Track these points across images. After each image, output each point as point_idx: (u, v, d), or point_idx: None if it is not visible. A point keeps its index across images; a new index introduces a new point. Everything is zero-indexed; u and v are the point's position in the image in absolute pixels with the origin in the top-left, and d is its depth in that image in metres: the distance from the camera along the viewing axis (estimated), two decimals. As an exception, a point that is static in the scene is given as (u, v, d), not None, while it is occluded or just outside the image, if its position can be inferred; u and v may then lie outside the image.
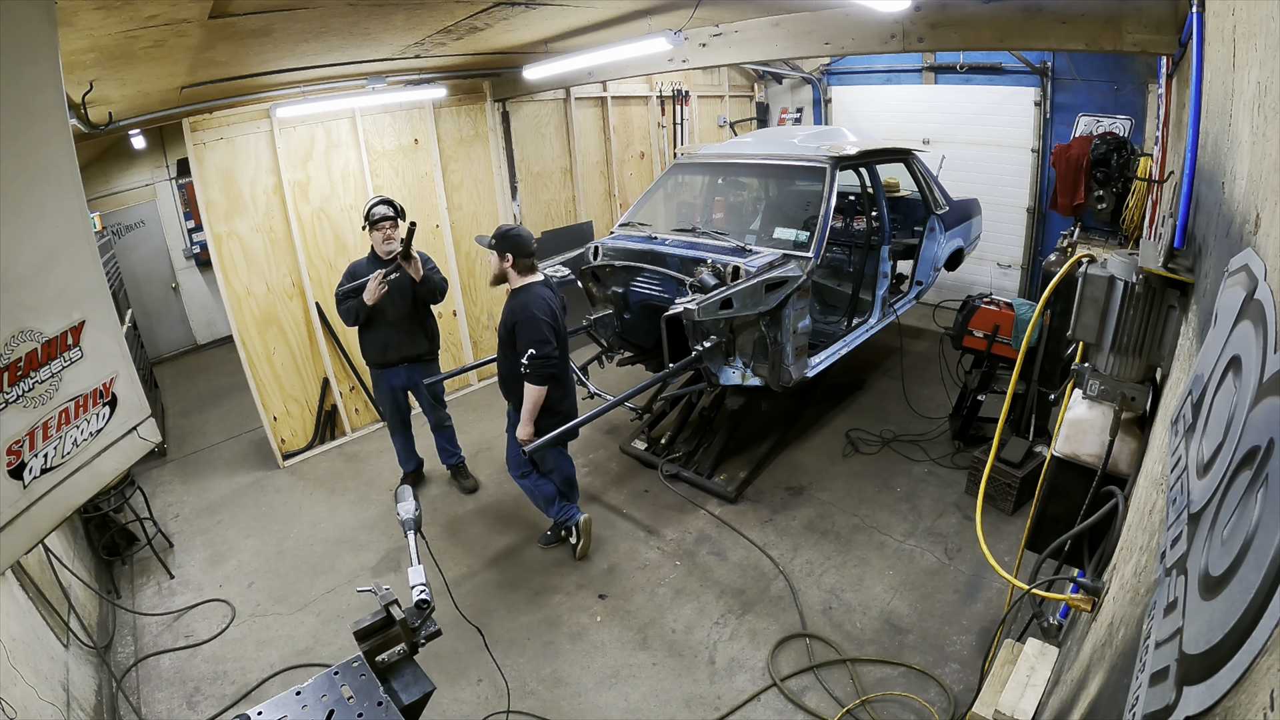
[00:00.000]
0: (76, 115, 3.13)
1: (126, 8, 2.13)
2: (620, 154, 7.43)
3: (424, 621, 1.66)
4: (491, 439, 5.30)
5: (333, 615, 3.61)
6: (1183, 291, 1.84)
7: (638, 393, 4.03)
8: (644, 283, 4.52)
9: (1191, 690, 0.77)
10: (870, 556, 3.84)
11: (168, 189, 7.75)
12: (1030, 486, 3.94)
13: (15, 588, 2.64)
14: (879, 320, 5.06)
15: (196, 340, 8.24)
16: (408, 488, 1.96)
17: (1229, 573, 0.77)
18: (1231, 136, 1.44)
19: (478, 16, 3.41)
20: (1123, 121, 6.04)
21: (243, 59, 3.63)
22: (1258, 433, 0.82)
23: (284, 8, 2.65)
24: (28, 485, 1.09)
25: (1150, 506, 1.57)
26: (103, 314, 1.23)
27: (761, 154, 4.99)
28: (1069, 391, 2.26)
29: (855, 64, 7.89)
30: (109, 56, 2.68)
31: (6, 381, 1.04)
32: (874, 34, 3.81)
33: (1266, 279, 0.97)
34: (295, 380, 5.22)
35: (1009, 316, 4.46)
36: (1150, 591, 1.18)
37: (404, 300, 4.15)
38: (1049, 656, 2.19)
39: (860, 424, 5.21)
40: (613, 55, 4.46)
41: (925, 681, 3.01)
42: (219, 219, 4.69)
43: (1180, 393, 1.45)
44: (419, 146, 5.64)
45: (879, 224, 4.89)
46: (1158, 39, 2.95)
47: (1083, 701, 1.56)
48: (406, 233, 3.86)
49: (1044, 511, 2.30)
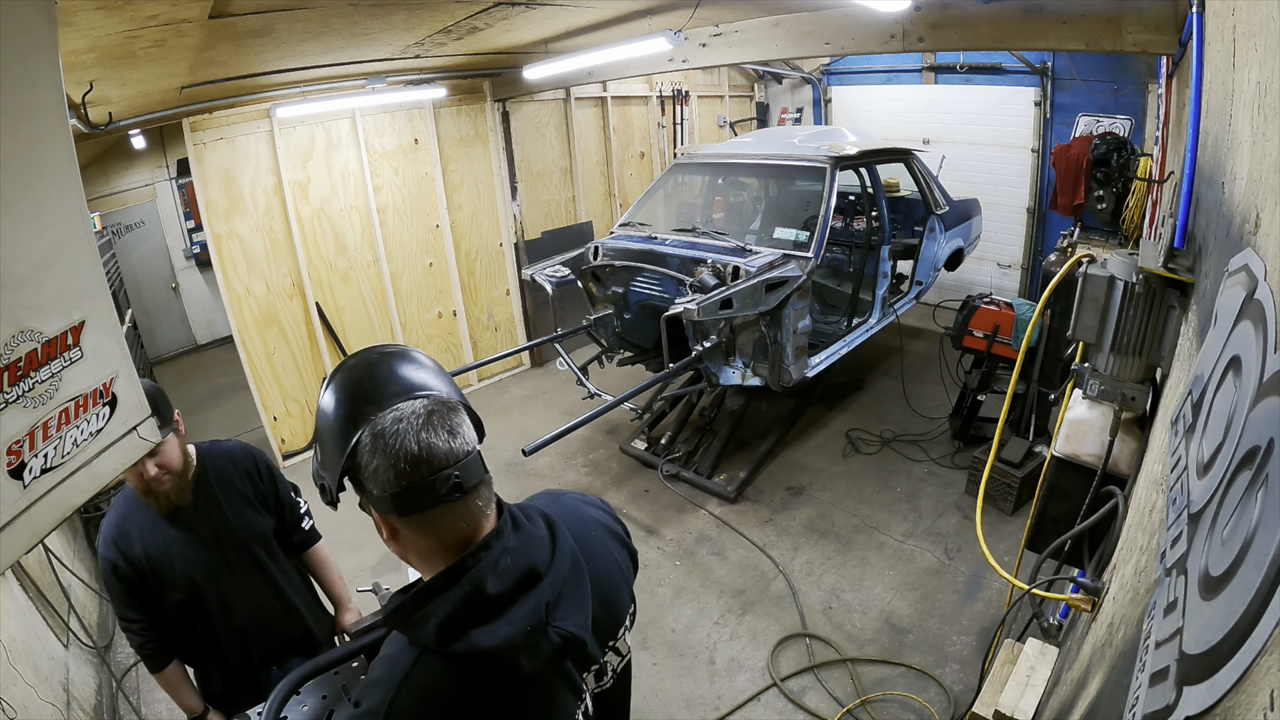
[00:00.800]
0: (76, 115, 3.13)
1: (126, 8, 2.13)
2: (620, 154, 7.42)
3: (424, 622, 1.65)
4: (493, 438, 5.28)
5: (333, 615, 3.61)
6: (1183, 291, 1.84)
7: (638, 393, 4.03)
8: (644, 283, 4.52)
9: (1191, 690, 0.77)
10: (870, 556, 3.84)
11: (168, 189, 7.76)
12: (1030, 486, 3.93)
13: (15, 588, 2.64)
14: (879, 320, 5.06)
15: (196, 340, 8.25)
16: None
17: (1229, 573, 0.77)
18: (1231, 136, 1.44)
19: (478, 16, 3.41)
20: (1123, 121, 6.04)
21: (243, 59, 3.63)
22: (1258, 433, 0.82)
23: (284, 8, 2.65)
24: (28, 485, 1.09)
25: (1150, 506, 1.57)
26: (103, 314, 1.23)
27: (761, 154, 4.99)
28: (1069, 391, 2.26)
29: (855, 64, 7.89)
30: (109, 56, 2.68)
31: (6, 381, 1.04)
32: (874, 34, 3.81)
33: (1266, 279, 0.97)
34: (295, 380, 5.22)
35: (1009, 316, 4.46)
36: (1150, 591, 1.18)
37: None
38: (1049, 656, 2.18)
39: (860, 424, 5.21)
40: (613, 55, 4.45)
41: (925, 681, 3.01)
42: (219, 219, 4.68)
43: (1180, 393, 1.45)
44: (419, 146, 5.64)
45: (879, 224, 4.89)
46: (1158, 39, 2.95)
47: (1083, 701, 1.56)
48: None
49: (1044, 511, 2.30)
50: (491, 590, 0.91)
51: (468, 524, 0.95)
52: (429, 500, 0.90)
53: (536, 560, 0.97)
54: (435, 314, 6.02)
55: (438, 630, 0.90)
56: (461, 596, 0.90)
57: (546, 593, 0.95)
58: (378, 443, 0.90)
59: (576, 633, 0.97)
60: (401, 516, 0.92)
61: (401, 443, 0.89)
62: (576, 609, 0.99)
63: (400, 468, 0.89)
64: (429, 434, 0.90)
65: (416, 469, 0.89)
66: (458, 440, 0.93)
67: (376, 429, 0.91)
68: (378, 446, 0.90)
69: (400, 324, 5.74)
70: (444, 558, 0.94)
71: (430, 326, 6.01)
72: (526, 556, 0.96)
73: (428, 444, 0.90)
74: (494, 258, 6.34)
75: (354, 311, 5.47)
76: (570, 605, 0.98)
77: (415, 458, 0.89)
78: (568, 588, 0.99)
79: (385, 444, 0.90)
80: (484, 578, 0.91)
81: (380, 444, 0.90)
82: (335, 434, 0.96)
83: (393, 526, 0.95)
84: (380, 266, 5.53)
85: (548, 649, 0.94)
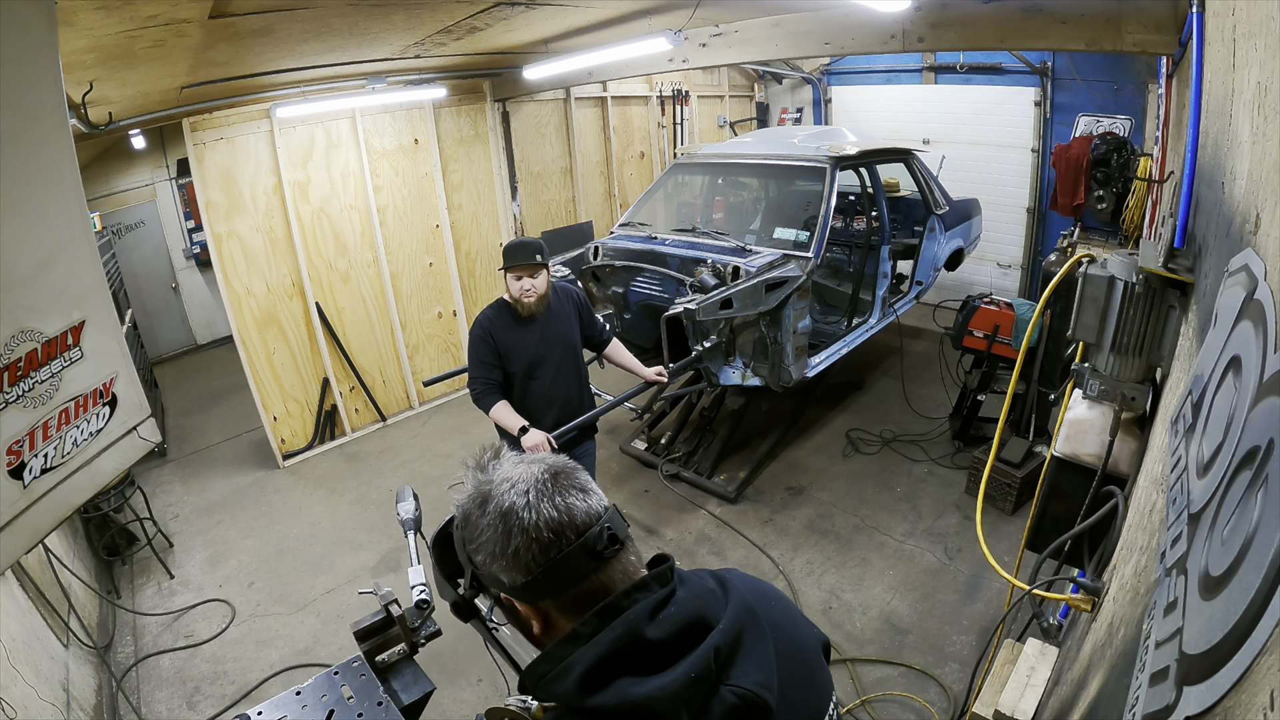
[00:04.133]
0: (76, 115, 3.13)
1: (126, 8, 2.13)
2: (620, 154, 7.43)
3: (424, 621, 1.66)
4: (493, 439, 5.29)
5: (333, 615, 3.61)
6: (1183, 291, 1.84)
7: (638, 393, 4.02)
8: (644, 283, 4.52)
9: (1191, 690, 0.77)
10: (870, 556, 3.84)
11: (168, 189, 7.75)
12: (1030, 486, 3.93)
13: (15, 588, 2.64)
14: (879, 320, 5.06)
15: (196, 340, 8.24)
16: (408, 487, 1.95)
17: (1229, 573, 0.77)
18: (1231, 136, 1.44)
19: (478, 16, 3.41)
20: (1123, 121, 6.04)
21: (243, 59, 3.63)
22: (1258, 433, 0.82)
23: (284, 8, 2.65)
24: (28, 485, 1.09)
25: (1150, 506, 1.57)
26: (103, 314, 1.23)
27: (761, 154, 4.99)
28: (1069, 391, 2.26)
29: (855, 64, 7.89)
30: (109, 56, 2.68)
31: (7, 381, 1.04)
32: (874, 34, 3.81)
33: (1266, 279, 0.97)
34: (295, 380, 5.22)
35: (1009, 316, 4.46)
36: (1150, 591, 1.18)
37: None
38: (1049, 656, 2.18)
39: (860, 424, 5.21)
40: (613, 55, 4.45)
41: (925, 681, 3.01)
42: (219, 219, 4.68)
43: (1180, 393, 1.45)
44: (419, 146, 5.64)
45: (879, 224, 4.89)
46: (1158, 39, 2.95)
47: (1083, 701, 1.56)
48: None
49: (1044, 511, 2.30)
50: (650, 636, 0.77)
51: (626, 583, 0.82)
52: (586, 566, 0.80)
53: (706, 611, 0.81)
54: (435, 314, 6.02)
55: (581, 679, 0.75)
56: (612, 640, 0.76)
57: (716, 639, 0.78)
58: (509, 521, 0.80)
59: (758, 692, 0.78)
60: (558, 596, 0.80)
61: (531, 515, 0.80)
62: (756, 666, 0.81)
63: (545, 539, 0.79)
64: (562, 496, 0.82)
65: (563, 534, 0.79)
66: (593, 497, 0.84)
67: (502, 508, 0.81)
68: (511, 525, 0.80)
69: (400, 324, 5.75)
70: None
71: (430, 326, 6.01)
72: (693, 606, 0.81)
73: (559, 509, 0.80)
74: (494, 258, 6.33)
75: (354, 311, 5.47)
76: (749, 663, 0.80)
77: (558, 524, 0.80)
78: (745, 643, 0.81)
79: (518, 519, 0.80)
80: (641, 622, 0.77)
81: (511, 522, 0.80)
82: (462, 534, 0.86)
83: (546, 615, 0.83)
84: (380, 266, 5.53)
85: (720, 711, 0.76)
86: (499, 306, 2.99)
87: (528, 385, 2.98)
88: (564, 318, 3.04)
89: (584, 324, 3.15)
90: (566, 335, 3.04)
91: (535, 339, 2.94)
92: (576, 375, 3.11)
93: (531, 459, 0.86)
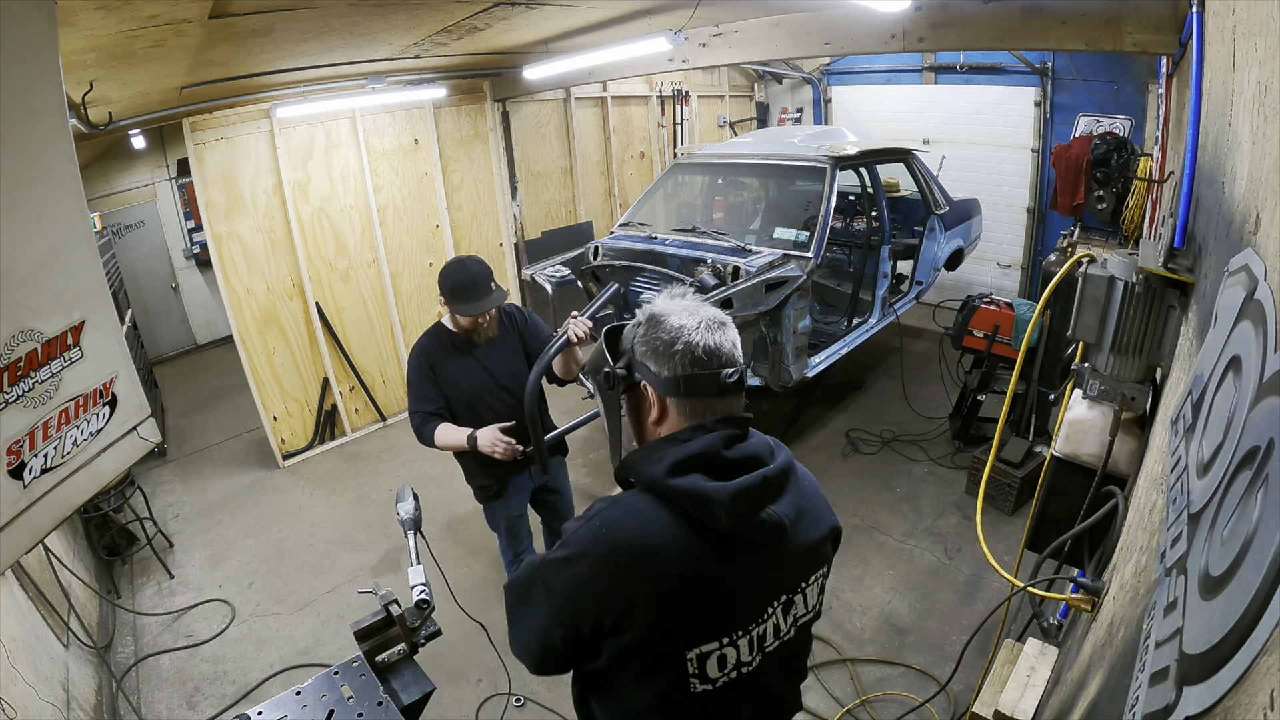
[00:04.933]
0: (76, 115, 3.13)
1: (126, 8, 2.13)
2: (620, 154, 7.42)
3: (424, 621, 1.66)
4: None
5: (333, 615, 3.61)
6: (1183, 291, 1.84)
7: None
8: (644, 283, 4.52)
9: (1191, 690, 0.77)
10: (870, 556, 3.84)
11: (168, 189, 7.75)
12: (1030, 486, 3.93)
13: (15, 588, 2.64)
14: (879, 320, 5.06)
15: (196, 340, 8.24)
16: (408, 487, 1.95)
17: (1229, 573, 0.77)
18: (1231, 136, 1.44)
19: (478, 16, 3.41)
20: (1123, 121, 6.04)
21: (243, 59, 3.63)
22: (1258, 433, 0.82)
23: (284, 8, 2.65)
24: (28, 485, 1.09)
25: (1150, 506, 1.57)
26: (103, 314, 1.23)
27: (761, 154, 4.99)
28: (1069, 391, 2.26)
29: (855, 64, 7.89)
30: (109, 56, 2.68)
31: (6, 381, 1.04)
32: (874, 34, 3.81)
33: (1266, 279, 0.97)
34: (295, 380, 5.22)
35: (1009, 316, 4.46)
36: (1150, 591, 1.18)
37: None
38: (1049, 656, 2.19)
39: (860, 424, 5.21)
40: (613, 55, 4.45)
41: (925, 681, 3.01)
42: (219, 219, 4.68)
43: (1180, 393, 1.45)
44: (419, 146, 5.64)
45: (879, 224, 4.89)
46: (1158, 39, 2.95)
47: (1083, 701, 1.56)
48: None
49: (1044, 511, 2.30)
50: (725, 454, 1.06)
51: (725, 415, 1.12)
52: (712, 389, 1.09)
53: (762, 453, 1.11)
54: (435, 314, 6.02)
55: (670, 466, 1.04)
56: (700, 447, 1.05)
57: (765, 472, 1.07)
58: (678, 335, 1.08)
59: (784, 518, 1.08)
60: (685, 398, 1.09)
61: (698, 336, 1.08)
62: (786, 504, 1.11)
63: (697, 355, 1.07)
64: (718, 336, 1.10)
65: (711, 360, 1.08)
66: (737, 350, 1.12)
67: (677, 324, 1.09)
68: (678, 337, 1.08)
69: (400, 324, 5.75)
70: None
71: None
72: (754, 448, 1.11)
73: (716, 344, 1.09)
74: (494, 258, 6.33)
75: (354, 311, 5.47)
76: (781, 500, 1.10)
77: (710, 350, 1.08)
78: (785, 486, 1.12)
79: (686, 337, 1.08)
80: (719, 445, 1.06)
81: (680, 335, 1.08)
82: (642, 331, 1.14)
83: (664, 408, 1.12)
84: (380, 266, 5.53)
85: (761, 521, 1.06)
86: (436, 333, 2.69)
87: (474, 421, 2.63)
88: (507, 343, 2.74)
89: (526, 340, 2.78)
90: (510, 362, 2.72)
91: (477, 368, 2.67)
92: (528, 401, 2.61)
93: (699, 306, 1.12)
